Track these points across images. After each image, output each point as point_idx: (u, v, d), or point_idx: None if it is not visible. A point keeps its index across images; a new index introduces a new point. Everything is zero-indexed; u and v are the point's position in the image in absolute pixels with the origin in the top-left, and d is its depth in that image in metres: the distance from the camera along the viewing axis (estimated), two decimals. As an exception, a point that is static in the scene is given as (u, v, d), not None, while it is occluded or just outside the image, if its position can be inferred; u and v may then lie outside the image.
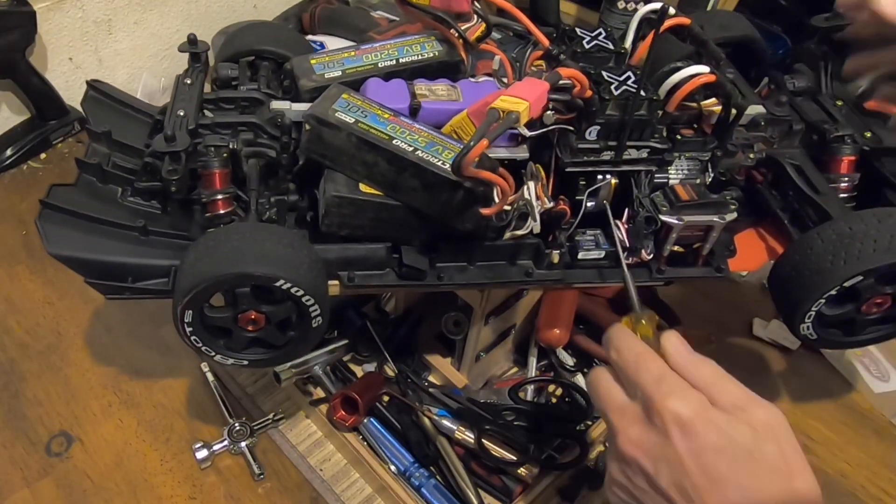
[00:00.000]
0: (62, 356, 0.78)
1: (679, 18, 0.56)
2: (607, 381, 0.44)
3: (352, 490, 0.68)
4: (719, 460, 0.38)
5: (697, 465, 0.38)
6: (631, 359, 0.43)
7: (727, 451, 0.38)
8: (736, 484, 0.38)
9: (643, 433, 0.41)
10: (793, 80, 0.61)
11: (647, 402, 0.41)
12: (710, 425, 0.39)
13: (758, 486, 0.38)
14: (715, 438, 0.39)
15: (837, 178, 0.58)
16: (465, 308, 0.67)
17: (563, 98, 0.51)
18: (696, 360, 0.42)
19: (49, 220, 0.54)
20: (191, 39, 0.60)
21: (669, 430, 0.39)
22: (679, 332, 0.44)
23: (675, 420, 0.39)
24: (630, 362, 0.43)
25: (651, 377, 0.41)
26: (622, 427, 0.42)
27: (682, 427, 0.39)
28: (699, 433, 0.39)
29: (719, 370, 0.42)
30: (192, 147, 0.54)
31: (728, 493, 0.38)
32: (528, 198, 0.52)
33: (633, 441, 0.41)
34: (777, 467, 0.38)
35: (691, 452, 0.39)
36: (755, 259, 0.59)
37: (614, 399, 0.43)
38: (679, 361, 0.42)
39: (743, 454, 0.38)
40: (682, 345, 0.43)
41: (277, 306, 0.50)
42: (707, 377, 0.41)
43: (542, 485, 0.65)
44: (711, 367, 0.42)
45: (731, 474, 0.38)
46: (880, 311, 0.53)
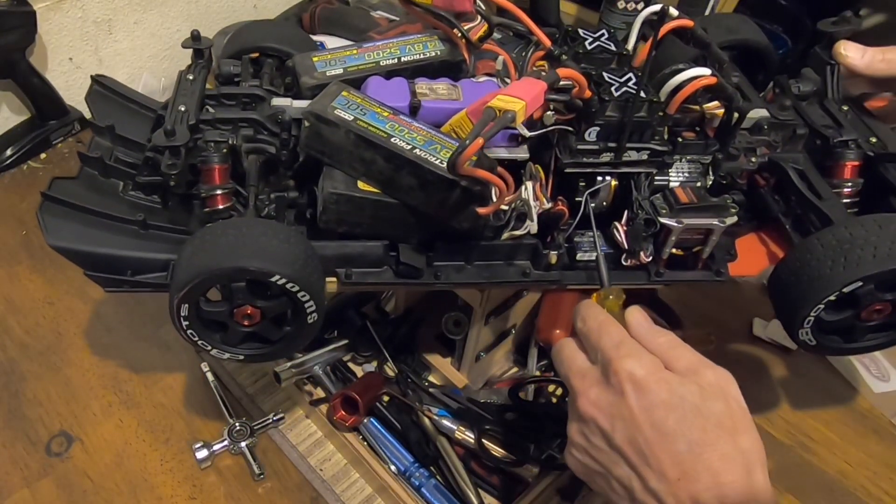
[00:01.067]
0: (62, 356, 0.78)
1: (682, 20, 0.56)
2: (571, 349, 0.48)
3: (352, 490, 0.68)
4: (669, 416, 0.41)
5: (649, 420, 0.41)
6: (594, 326, 0.46)
7: (677, 407, 0.41)
8: (684, 437, 0.41)
9: (601, 393, 0.44)
10: (798, 84, 0.61)
11: (605, 364, 0.44)
12: (662, 384, 0.42)
13: (704, 439, 0.40)
14: (666, 396, 0.41)
15: (841, 183, 0.57)
16: (465, 308, 0.67)
17: (562, 99, 0.51)
18: (655, 330, 0.46)
19: (50, 213, 0.54)
20: (194, 35, 0.60)
21: (625, 388, 0.42)
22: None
23: (630, 379, 0.42)
24: (593, 329, 0.46)
25: (611, 341, 0.44)
26: (582, 389, 0.45)
27: (636, 385, 0.42)
28: (651, 390, 0.42)
29: (676, 339, 0.45)
30: (192, 142, 0.54)
31: (676, 445, 0.41)
32: (525, 198, 0.52)
33: (592, 401, 0.44)
34: (723, 423, 0.41)
35: (643, 409, 0.41)
36: (756, 264, 0.59)
37: (576, 364, 0.46)
38: (639, 331, 0.46)
39: (691, 410, 0.41)
40: (644, 317, 0.46)
41: (273, 301, 0.51)
42: (663, 344, 0.45)
43: (542, 485, 0.65)
44: (668, 336, 0.45)
45: (679, 428, 0.41)
46: (880, 318, 0.53)
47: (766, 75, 0.67)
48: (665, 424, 0.41)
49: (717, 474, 0.40)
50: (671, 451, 0.40)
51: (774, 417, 0.76)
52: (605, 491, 0.44)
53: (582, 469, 0.46)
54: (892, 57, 0.60)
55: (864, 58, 0.60)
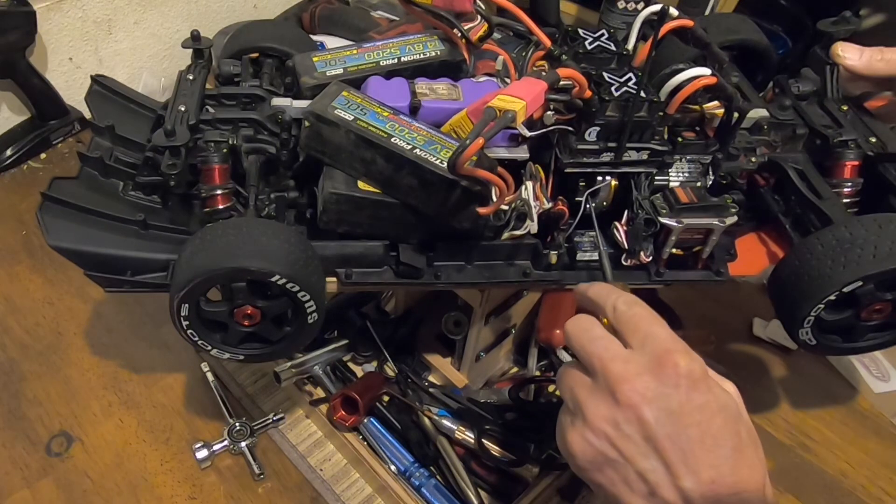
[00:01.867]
0: (62, 356, 0.78)
1: (682, 20, 0.56)
2: (602, 330, 0.45)
3: (352, 490, 0.68)
4: (716, 419, 0.40)
5: (698, 419, 0.40)
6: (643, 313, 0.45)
7: (722, 411, 0.41)
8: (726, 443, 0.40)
9: (651, 382, 0.41)
10: (797, 84, 0.61)
11: (659, 354, 0.42)
12: (714, 386, 0.41)
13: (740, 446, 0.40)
14: (714, 399, 0.41)
15: (840, 183, 0.57)
16: (465, 308, 0.67)
17: (562, 99, 0.51)
18: None
19: (50, 213, 0.54)
20: (194, 35, 0.60)
21: (680, 382, 0.41)
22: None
23: (689, 374, 0.41)
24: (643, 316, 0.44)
25: (666, 333, 0.43)
26: (626, 375, 0.42)
27: (693, 382, 0.41)
28: (705, 390, 0.41)
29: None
30: (192, 142, 0.54)
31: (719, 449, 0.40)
32: (525, 198, 0.52)
33: (639, 389, 0.41)
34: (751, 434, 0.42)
35: (696, 407, 0.40)
36: (756, 263, 0.59)
37: (614, 347, 0.44)
38: None
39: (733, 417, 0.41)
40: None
41: (273, 301, 0.51)
42: None
43: (542, 485, 0.65)
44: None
45: (723, 433, 0.40)
46: (880, 318, 0.53)
47: (766, 75, 0.67)
48: (711, 427, 0.40)
49: (743, 482, 0.40)
50: (712, 453, 0.40)
51: (774, 417, 0.76)
52: (613, 483, 0.43)
53: (591, 455, 0.43)
54: (890, 57, 0.60)
55: (862, 58, 0.60)
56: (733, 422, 0.41)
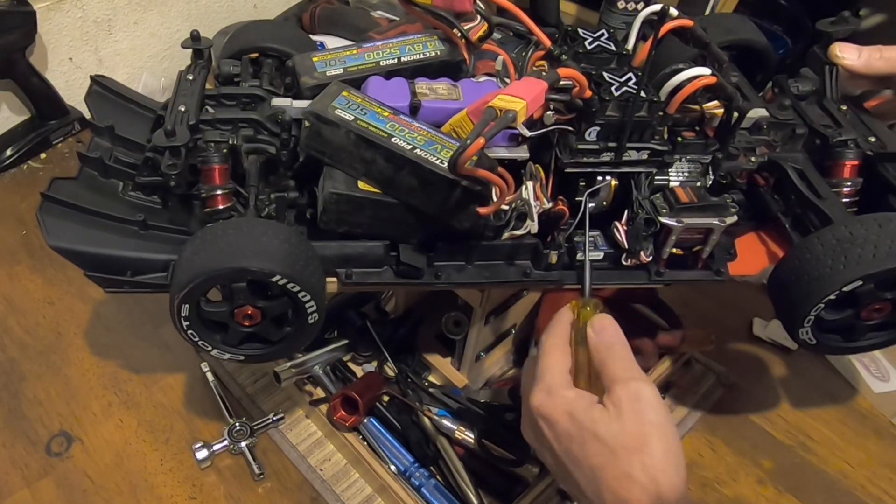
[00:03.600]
0: (62, 356, 0.78)
1: (681, 20, 0.56)
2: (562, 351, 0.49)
3: (352, 490, 0.68)
4: (572, 445, 0.45)
5: (561, 450, 0.46)
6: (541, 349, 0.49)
7: (576, 435, 0.45)
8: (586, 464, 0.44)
9: (527, 421, 0.48)
10: (797, 84, 0.61)
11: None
12: (565, 415, 0.45)
13: (602, 464, 0.43)
14: (567, 426, 0.45)
15: (840, 182, 0.57)
16: (465, 308, 0.67)
17: (562, 98, 0.51)
18: (606, 342, 0.48)
19: (50, 213, 0.54)
20: (194, 36, 0.60)
21: (538, 422, 0.46)
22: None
23: (539, 412, 0.46)
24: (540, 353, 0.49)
25: (536, 372, 0.48)
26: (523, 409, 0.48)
27: (545, 419, 0.46)
28: (557, 422, 0.46)
29: (616, 352, 0.47)
30: (192, 142, 0.54)
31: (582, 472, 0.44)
32: (526, 198, 0.52)
33: (524, 429, 0.49)
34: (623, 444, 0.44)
35: (555, 440, 0.46)
36: (756, 263, 0.59)
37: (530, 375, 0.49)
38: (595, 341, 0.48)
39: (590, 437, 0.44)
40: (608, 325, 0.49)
41: (273, 302, 0.51)
42: (603, 358, 0.47)
43: (542, 485, 0.65)
44: (612, 350, 0.47)
45: (581, 456, 0.44)
46: (880, 317, 0.53)
47: (765, 75, 0.67)
48: (570, 453, 0.45)
49: (618, 494, 0.42)
50: (580, 477, 0.44)
51: (774, 417, 0.76)
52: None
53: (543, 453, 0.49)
54: (890, 55, 0.60)
55: (860, 58, 0.60)
56: (591, 440, 0.44)
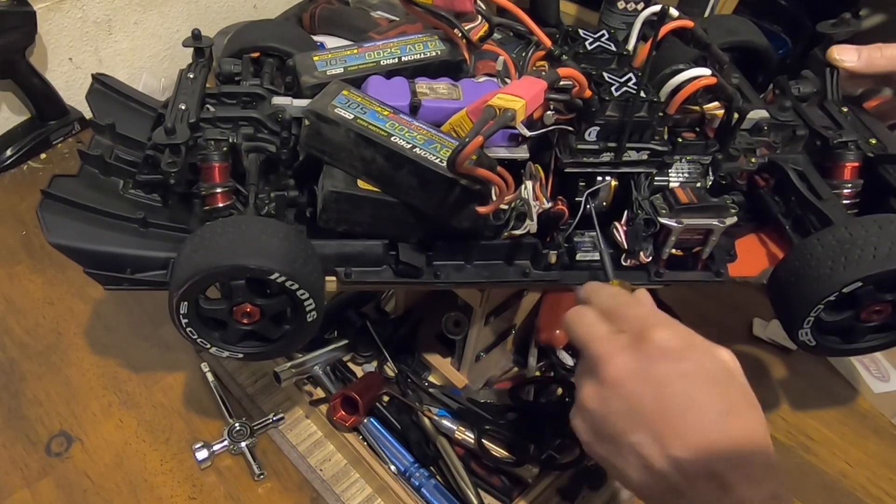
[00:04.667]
0: (62, 356, 0.78)
1: (682, 21, 0.56)
2: (591, 315, 0.47)
3: (352, 490, 0.68)
4: (700, 386, 0.41)
5: (681, 387, 0.41)
6: (623, 300, 0.47)
7: (707, 378, 0.42)
8: (713, 408, 0.41)
9: (630, 358, 0.43)
10: (798, 86, 0.61)
11: (638, 331, 0.43)
12: (696, 353, 0.43)
13: (730, 409, 0.41)
14: (696, 366, 0.42)
15: (840, 184, 0.57)
16: (465, 308, 0.67)
17: (562, 98, 0.51)
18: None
19: (50, 210, 0.54)
20: (195, 34, 0.60)
21: (657, 354, 0.42)
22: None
23: (664, 345, 0.42)
24: (622, 302, 0.46)
25: (643, 311, 0.45)
26: (608, 353, 0.44)
27: (670, 353, 0.42)
28: (685, 359, 0.42)
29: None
30: (192, 140, 0.54)
31: (706, 415, 0.41)
32: (525, 197, 0.52)
33: (620, 365, 0.43)
34: (746, 397, 0.43)
35: (677, 376, 0.42)
36: (756, 264, 0.59)
37: (600, 329, 0.46)
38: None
39: (723, 381, 0.42)
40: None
41: (272, 300, 0.51)
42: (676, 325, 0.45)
43: (542, 485, 0.65)
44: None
45: (708, 399, 0.41)
46: (880, 319, 0.53)
47: (766, 77, 0.67)
48: (696, 393, 0.41)
49: (737, 444, 0.40)
50: (698, 419, 0.40)
51: (774, 417, 0.76)
52: (612, 458, 0.44)
53: (586, 433, 0.45)
54: (890, 53, 0.59)
55: (861, 58, 0.60)
56: (722, 385, 0.42)
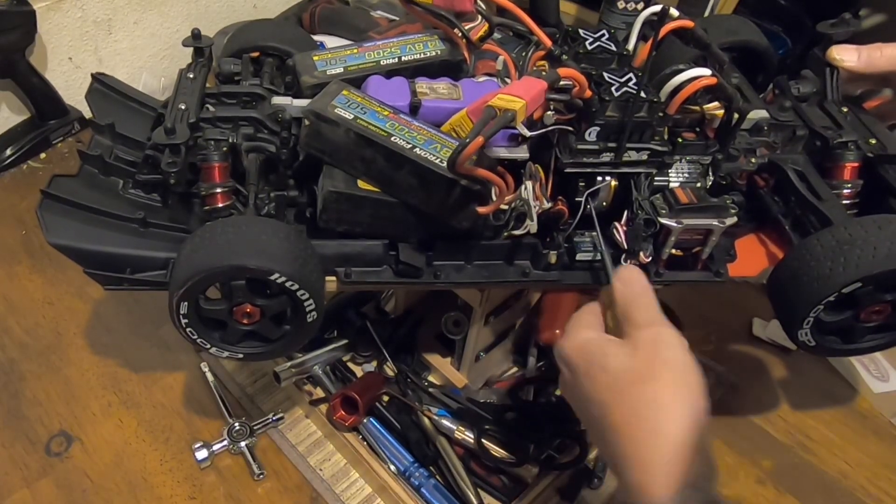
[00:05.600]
0: (62, 356, 0.78)
1: (682, 21, 0.56)
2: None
3: (352, 490, 0.68)
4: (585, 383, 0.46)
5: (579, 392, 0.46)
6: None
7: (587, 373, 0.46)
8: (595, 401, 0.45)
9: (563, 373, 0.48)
10: (797, 86, 0.61)
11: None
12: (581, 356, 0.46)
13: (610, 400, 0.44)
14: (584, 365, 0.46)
15: (840, 184, 0.57)
16: (464, 308, 0.67)
17: (562, 98, 0.51)
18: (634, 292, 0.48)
19: (49, 210, 0.54)
20: (195, 34, 0.60)
21: (561, 367, 0.48)
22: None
23: (561, 357, 0.47)
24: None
25: None
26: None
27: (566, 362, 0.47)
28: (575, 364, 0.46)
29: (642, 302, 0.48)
30: (192, 140, 0.54)
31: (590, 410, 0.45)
32: (525, 198, 0.52)
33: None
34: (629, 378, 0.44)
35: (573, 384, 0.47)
36: (755, 264, 0.59)
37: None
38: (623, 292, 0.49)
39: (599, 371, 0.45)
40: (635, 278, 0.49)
41: (272, 300, 0.51)
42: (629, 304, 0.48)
43: (542, 485, 0.65)
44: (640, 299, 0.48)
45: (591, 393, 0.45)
46: (879, 319, 0.53)
47: (766, 77, 0.67)
48: (582, 390, 0.46)
49: (626, 437, 0.42)
50: (595, 421, 0.45)
51: (774, 417, 0.76)
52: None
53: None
54: (890, 52, 0.59)
55: (860, 58, 0.60)
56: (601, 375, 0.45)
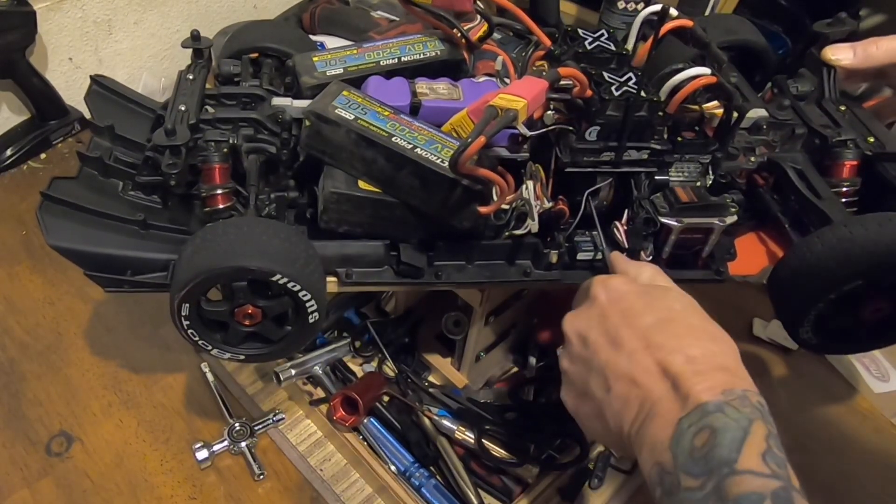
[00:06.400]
0: (62, 356, 0.78)
1: (681, 20, 0.56)
2: None
3: (352, 490, 0.68)
4: (637, 300, 0.44)
5: (618, 308, 0.44)
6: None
7: (644, 295, 0.44)
8: (651, 314, 0.43)
9: (578, 312, 0.46)
10: (796, 85, 0.61)
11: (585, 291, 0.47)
12: (631, 284, 0.45)
13: (670, 316, 0.43)
14: (634, 288, 0.45)
15: (839, 182, 0.58)
16: (465, 308, 0.67)
17: (563, 98, 0.51)
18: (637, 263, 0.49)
19: (49, 212, 0.54)
20: (194, 35, 0.60)
21: (596, 292, 0.45)
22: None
23: (600, 283, 0.46)
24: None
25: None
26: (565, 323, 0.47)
27: (605, 286, 0.45)
28: (620, 287, 0.45)
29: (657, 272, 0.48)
30: (192, 142, 0.54)
31: (642, 319, 0.42)
32: (526, 197, 0.52)
33: (570, 321, 0.46)
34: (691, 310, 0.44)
35: (612, 300, 0.44)
36: (755, 263, 0.59)
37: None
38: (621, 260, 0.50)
39: (660, 297, 0.44)
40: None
41: (274, 301, 0.51)
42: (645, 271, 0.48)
43: (542, 485, 0.65)
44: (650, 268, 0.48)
45: (646, 308, 0.43)
46: (880, 317, 0.53)
47: (764, 76, 0.67)
48: (633, 307, 0.43)
49: (682, 340, 0.41)
50: (637, 325, 0.42)
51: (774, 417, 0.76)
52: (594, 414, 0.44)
53: (573, 401, 0.46)
54: (886, 45, 0.59)
55: (857, 55, 0.60)
56: (661, 299, 0.44)
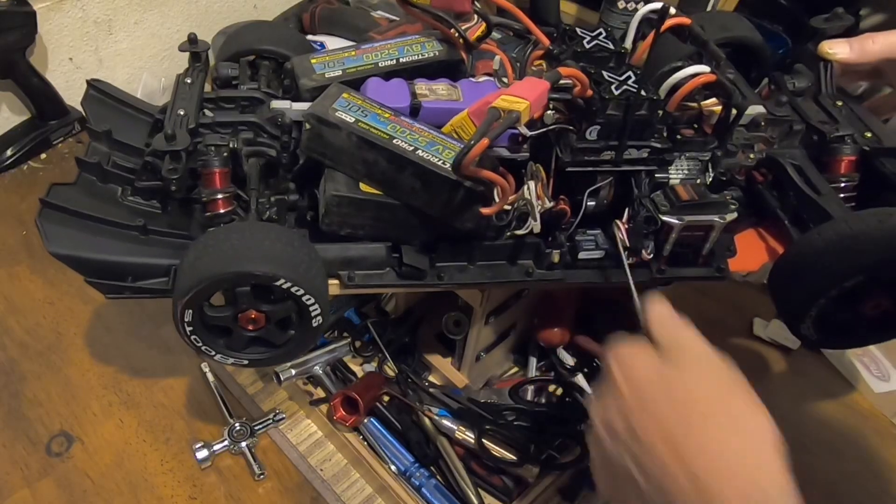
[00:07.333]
0: (62, 356, 0.78)
1: (679, 18, 0.56)
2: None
3: (352, 490, 0.68)
4: (658, 394, 0.40)
5: (638, 402, 0.40)
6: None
7: (665, 387, 0.41)
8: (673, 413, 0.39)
9: (603, 398, 0.43)
10: (793, 81, 0.61)
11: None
12: (651, 368, 0.41)
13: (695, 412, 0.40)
14: (654, 376, 0.41)
15: (837, 178, 0.58)
16: (465, 308, 0.67)
17: (563, 98, 0.51)
18: (670, 319, 0.45)
19: (49, 219, 0.54)
20: (191, 39, 0.60)
21: (615, 377, 0.42)
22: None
23: (617, 366, 0.42)
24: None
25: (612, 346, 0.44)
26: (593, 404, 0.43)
27: (623, 370, 0.42)
28: (640, 376, 0.41)
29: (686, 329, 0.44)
30: (192, 146, 0.54)
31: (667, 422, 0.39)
32: (528, 197, 0.52)
33: (598, 411, 0.43)
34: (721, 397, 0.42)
35: (633, 395, 0.41)
36: (755, 259, 0.59)
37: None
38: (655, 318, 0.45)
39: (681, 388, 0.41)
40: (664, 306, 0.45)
41: (277, 305, 0.50)
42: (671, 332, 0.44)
43: (542, 485, 0.66)
44: (681, 328, 0.44)
45: (660, 395, 0.40)
46: (881, 312, 0.53)
47: (760, 73, 0.67)
48: (651, 396, 0.40)
49: (702, 437, 0.39)
50: (657, 417, 0.40)
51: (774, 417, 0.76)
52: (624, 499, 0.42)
53: (604, 485, 0.44)
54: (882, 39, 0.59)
55: (853, 49, 0.60)
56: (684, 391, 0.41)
